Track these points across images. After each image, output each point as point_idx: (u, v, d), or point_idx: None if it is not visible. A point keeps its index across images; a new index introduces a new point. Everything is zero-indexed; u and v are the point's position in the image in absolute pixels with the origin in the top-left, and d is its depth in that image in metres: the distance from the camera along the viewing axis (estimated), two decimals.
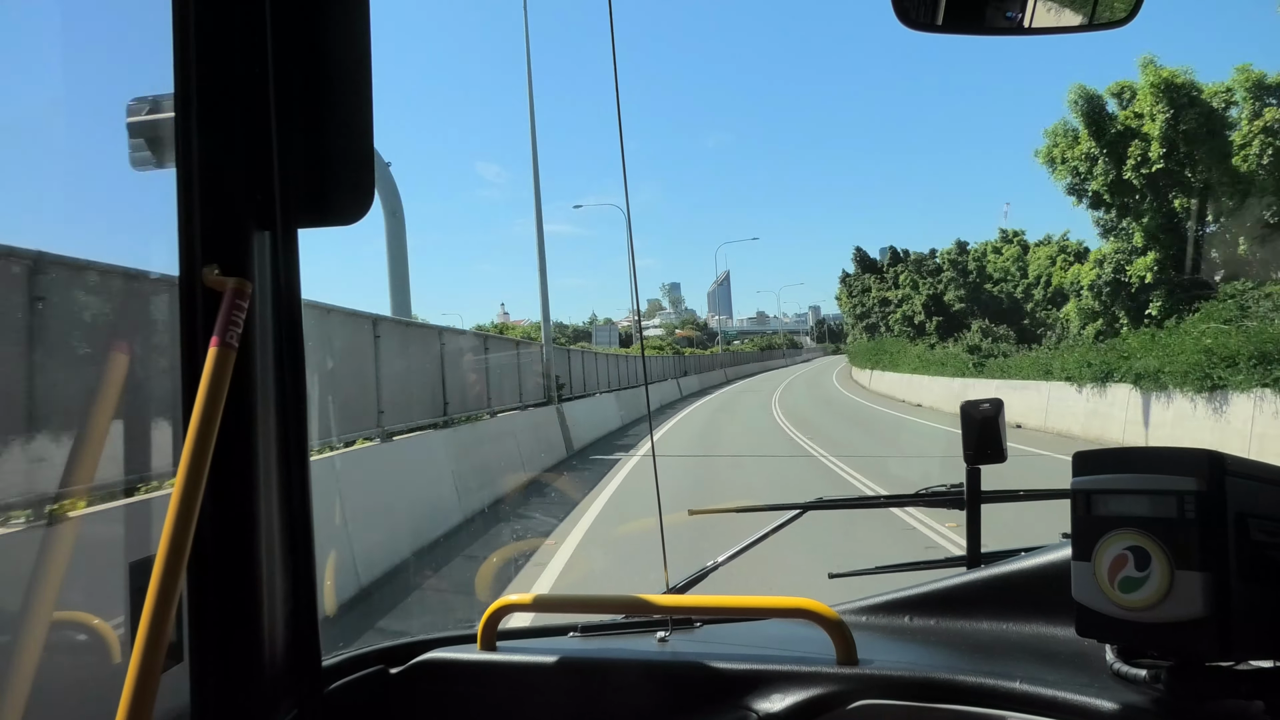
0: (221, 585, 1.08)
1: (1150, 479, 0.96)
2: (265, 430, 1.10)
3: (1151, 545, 0.95)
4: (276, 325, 1.12)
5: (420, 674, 1.31)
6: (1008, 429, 1.80)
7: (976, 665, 1.12)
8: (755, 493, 11.01)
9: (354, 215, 1.13)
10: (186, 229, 1.07)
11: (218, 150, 1.08)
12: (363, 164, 1.11)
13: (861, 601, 1.43)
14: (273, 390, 1.12)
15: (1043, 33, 1.26)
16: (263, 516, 1.09)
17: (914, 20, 1.27)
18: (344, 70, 1.11)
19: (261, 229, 1.10)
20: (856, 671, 1.15)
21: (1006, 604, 1.28)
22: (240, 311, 1.02)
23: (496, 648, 1.34)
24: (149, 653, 0.88)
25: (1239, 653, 0.93)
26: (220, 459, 0.98)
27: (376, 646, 1.37)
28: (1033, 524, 2.13)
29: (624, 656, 1.32)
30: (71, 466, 1.17)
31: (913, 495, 1.98)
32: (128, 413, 1.28)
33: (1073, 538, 1.02)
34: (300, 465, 1.15)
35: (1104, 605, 0.97)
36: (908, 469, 13.00)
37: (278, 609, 1.11)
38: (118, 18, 1.46)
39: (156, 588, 0.89)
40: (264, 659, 1.09)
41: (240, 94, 1.08)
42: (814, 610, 1.24)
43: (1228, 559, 0.92)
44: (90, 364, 1.18)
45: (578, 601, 1.50)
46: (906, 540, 8.00)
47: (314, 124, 1.10)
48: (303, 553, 1.15)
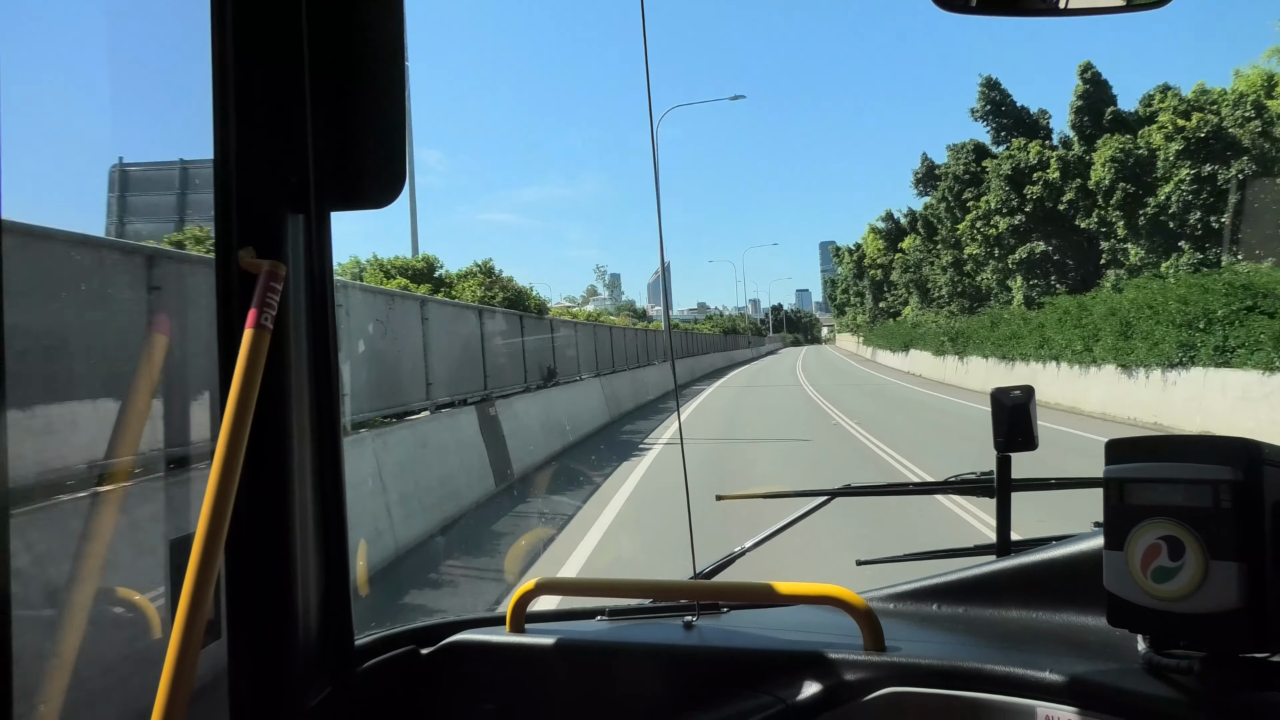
0: (258, 564, 1.10)
1: (1185, 467, 0.95)
2: (300, 411, 1.12)
3: (1186, 535, 0.93)
4: (310, 307, 1.14)
5: (450, 655, 1.33)
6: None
7: (1005, 654, 1.12)
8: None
9: (386, 199, 1.14)
10: (223, 213, 1.09)
11: (253, 135, 1.09)
12: (394, 148, 1.12)
13: (889, 589, 1.43)
14: (307, 371, 1.13)
15: (1080, 14, 1.24)
16: (297, 496, 1.11)
17: (949, 2, 1.25)
18: (378, 56, 1.11)
19: (295, 212, 1.11)
20: (884, 659, 1.15)
21: (1036, 593, 1.27)
22: (275, 293, 1.04)
23: (525, 630, 1.36)
24: (189, 629, 0.90)
25: (1274, 644, 0.92)
26: (256, 440, 1.00)
27: (408, 627, 1.39)
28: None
29: (650, 641, 1.33)
30: (114, 444, 1.20)
31: (942, 483, 1.96)
32: (167, 393, 1.31)
33: (1105, 527, 1.01)
34: (333, 445, 1.17)
35: (1136, 595, 0.97)
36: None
37: (311, 588, 1.14)
38: (157, 5, 1.48)
39: (196, 566, 0.92)
40: (298, 637, 1.12)
41: (275, 80, 1.09)
42: (841, 597, 1.24)
43: (1264, 550, 0.91)
44: (132, 345, 1.21)
45: (605, 585, 1.52)
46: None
47: (347, 109, 1.12)
48: (335, 533, 1.17)
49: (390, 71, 1.11)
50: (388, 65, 1.11)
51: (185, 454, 1.46)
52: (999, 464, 1.80)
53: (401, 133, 1.13)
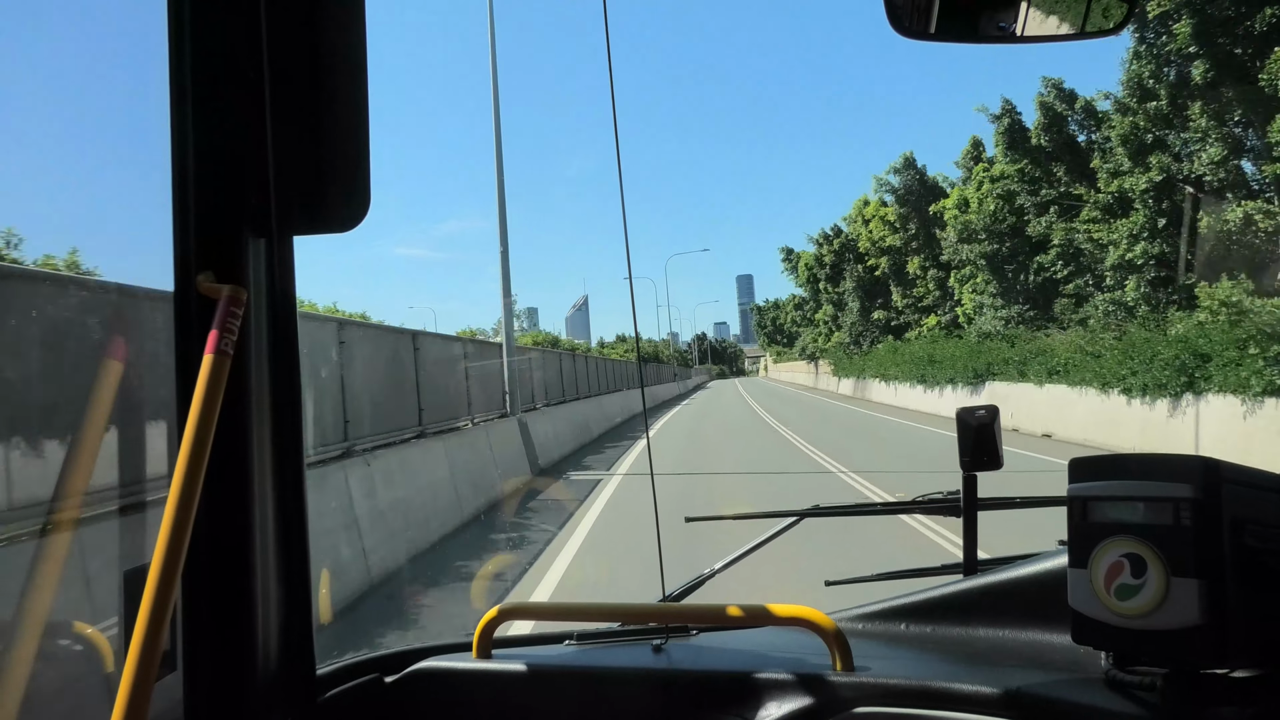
0: (216, 594, 1.07)
1: (1147, 485, 0.96)
2: (260, 438, 1.10)
3: (1148, 552, 0.95)
4: (272, 333, 1.12)
5: (415, 683, 1.31)
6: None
7: (972, 672, 1.12)
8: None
9: (349, 222, 1.13)
10: (181, 236, 1.07)
11: (213, 157, 1.08)
12: (358, 171, 1.11)
13: (858, 609, 1.43)
14: (268, 398, 1.11)
15: (1035, 41, 1.27)
16: (257, 525, 1.09)
17: (908, 29, 1.28)
18: (339, 77, 1.11)
19: (257, 236, 1.10)
20: (853, 679, 1.15)
21: (1003, 611, 1.28)
22: (235, 319, 1.02)
23: (492, 656, 1.34)
24: (143, 661, 0.88)
25: (1234, 660, 0.93)
26: (215, 467, 0.98)
27: (371, 655, 1.36)
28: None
29: (619, 665, 1.31)
30: (66, 475, 1.17)
31: (909, 502, 1.97)
32: (122, 421, 1.28)
33: (1069, 544, 1.02)
34: (295, 473, 1.15)
35: (1100, 612, 0.97)
36: None
37: (272, 618, 1.11)
38: (111, 24, 1.46)
39: (151, 596, 0.89)
40: (258, 667, 1.09)
41: (235, 100, 1.08)
42: (810, 618, 1.24)
43: (1223, 566, 0.92)
44: (85, 373, 1.18)
45: (573, 610, 1.50)
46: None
47: (310, 131, 1.11)
48: (297, 561, 1.15)
49: (353, 93, 1.10)
50: (350, 87, 1.10)
51: (141, 483, 1.42)
52: (965, 483, 1.81)
53: (366, 155, 1.12)
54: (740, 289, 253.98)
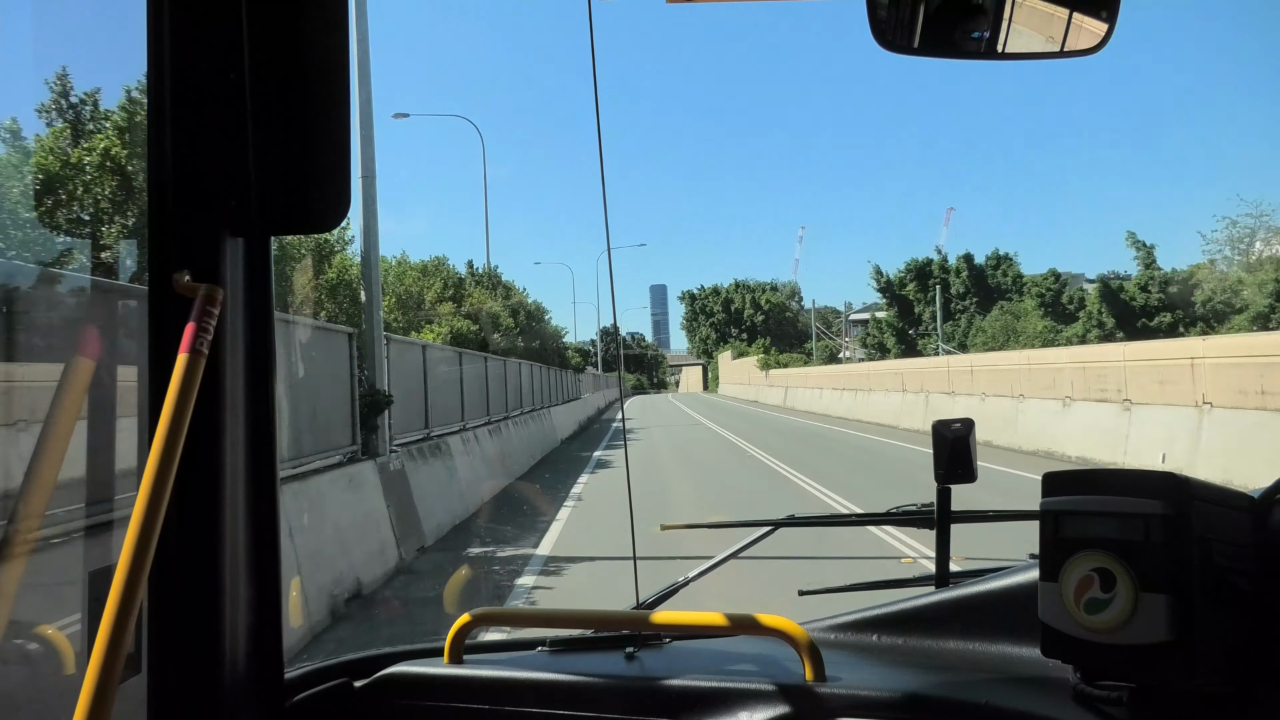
0: (184, 596, 1.06)
1: (1118, 501, 0.97)
2: (233, 439, 1.08)
3: (1117, 567, 0.95)
4: (248, 333, 1.11)
5: (385, 687, 1.29)
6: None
7: (942, 684, 1.13)
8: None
9: (329, 223, 1.12)
10: (158, 234, 1.06)
11: (191, 155, 1.07)
12: (339, 171, 1.10)
13: (831, 620, 1.43)
14: (242, 399, 1.10)
15: (1015, 58, 1.29)
16: (228, 526, 1.08)
17: (892, 44, 1.29)
18: (321, 75, 1.10)
19: (235, 235, 1.09)
20: (825, 690, 1.15)
21: (973, 624, 1.29)
22: (211, 319, 1.01)
23: (464, 662, 1.33)
24: (107, 663, 0.86)
25: (1201, 677, 0.94)
26: (186, 467, 0.97)
27: (341, 659, 1.35)
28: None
29: (591, 672, 1.31)
30: (32, 472, 1.15)
31: (884, 514, 1.98)
32: (93, 419, 1.26)
33: (1040, 558, 1.03)
34: (268, 475, 1.13)
35: (1069, 626, 0.98)
36: None
37: (240, 620, 1.10)
38: (90, 21, 1.44)
39: (117, 597, 0.88)
40: (224, 670, 1.07)
41: (215, 98, 1.07)
42: (783, 629, 1.24)
43: (1192, 583, 0.93)
44: (55, 369, 1.16)
45: (546, 616, 1.49)
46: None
47: (290, 130, 1.09)
48: (268, 564, 1.13)
49: (334, 91, 1.10)
50: (332, 85, 1.10)
51: (110, 482, 1.40)
52: (939, 495, 1.83)
53: (346, 154, 1.11)
54: (654, 299, 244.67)
